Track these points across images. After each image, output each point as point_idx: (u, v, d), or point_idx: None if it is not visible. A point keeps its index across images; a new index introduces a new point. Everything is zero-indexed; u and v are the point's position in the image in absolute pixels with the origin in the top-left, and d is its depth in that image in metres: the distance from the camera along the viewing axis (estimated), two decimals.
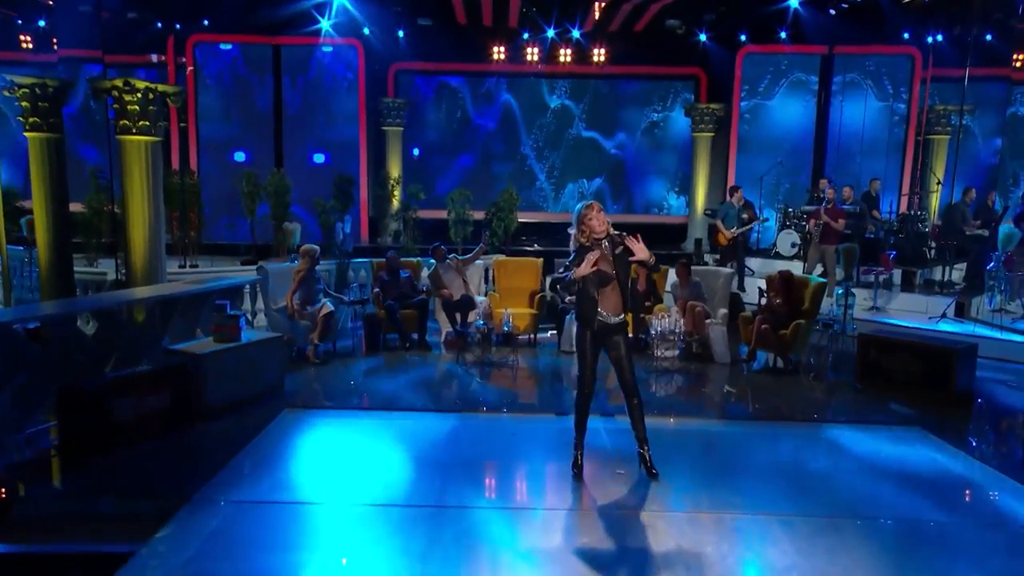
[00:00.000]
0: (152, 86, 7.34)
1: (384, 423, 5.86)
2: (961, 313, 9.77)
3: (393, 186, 13.14)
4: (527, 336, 8.75)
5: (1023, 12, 10.31)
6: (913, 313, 10.02)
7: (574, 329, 5.05)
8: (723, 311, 8.52)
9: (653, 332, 8.03)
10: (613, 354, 4.66)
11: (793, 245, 12.35)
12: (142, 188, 7.49)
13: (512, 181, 13.48)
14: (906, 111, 14.11)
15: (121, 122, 7.33)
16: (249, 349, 6.14)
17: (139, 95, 7.28)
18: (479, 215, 12.77)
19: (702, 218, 14.37)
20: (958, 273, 11.16)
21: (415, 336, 8.37)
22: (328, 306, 7.59)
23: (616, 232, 4.56)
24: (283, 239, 11.01)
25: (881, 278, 10.24)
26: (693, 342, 8.20)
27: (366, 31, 13.23)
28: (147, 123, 7.37)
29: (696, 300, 8.37)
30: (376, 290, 8.36)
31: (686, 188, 14.88)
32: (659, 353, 8.06)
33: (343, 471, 4.85)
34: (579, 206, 4.58)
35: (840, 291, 8.08)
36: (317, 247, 7.83)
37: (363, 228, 13.89)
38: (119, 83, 7.19)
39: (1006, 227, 8.85)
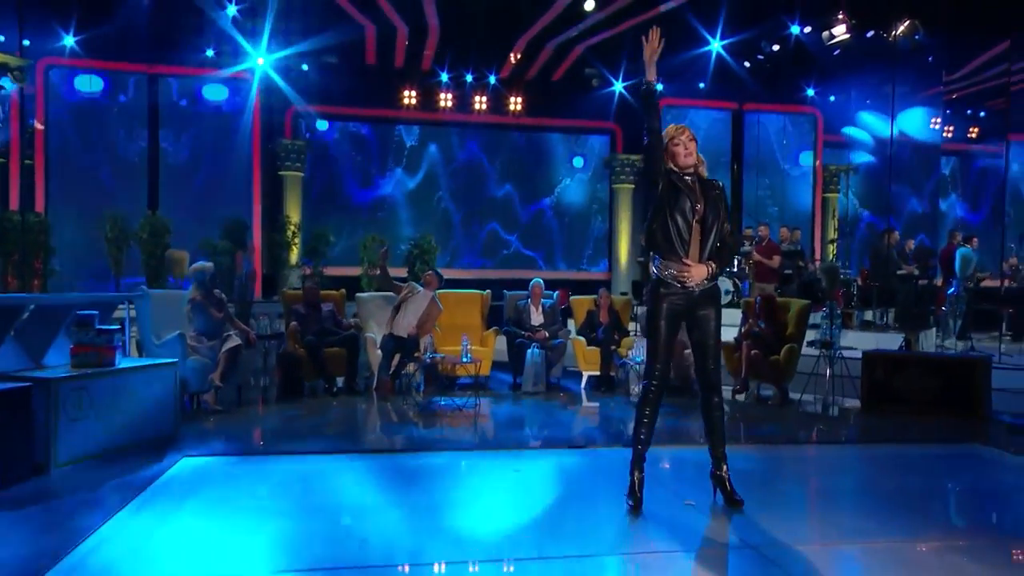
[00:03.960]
0: None
1: (326, 467, 4.17)
2: (909, 348, 9.47)
3: (293, 233, 11.45)
4: (476, 378, 7.28)
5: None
6: (854, 350, 9.64)
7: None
8: None
9: (630, 365, 6.89)
10: (696, 334, 3.44)
11: (727, 292, 11.86)
12: None
13: (430, 231, 12.20)
14: (812, 168, 14.52)
15: None
16: (128, 378, 4.31)
17: None
18: (395, 272, 11.32)
19: (627, 271, 13.76)
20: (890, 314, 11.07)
21: (341, 381, 6.69)
22: (235, 339, 5.82)
23: (712, 180, 3.49)
24: (166, 272, 8.96)
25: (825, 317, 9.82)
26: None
27: (262, 65, 11.87)
28: None
29: None
30: (293, 323, 6.65)
31: (608, 241, 14.28)
32: (635, 390, 6.90)
33: (274, 532, 3.15)
34: (668, 127, 3.49)
35: (824, 314, 7.38)
36: (211, 264, 6.10)
37: (256, 284, 11.95)
38: None
39: (964, 250, 8.71)
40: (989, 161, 16.09)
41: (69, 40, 11.26)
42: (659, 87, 3.46)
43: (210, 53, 11.71)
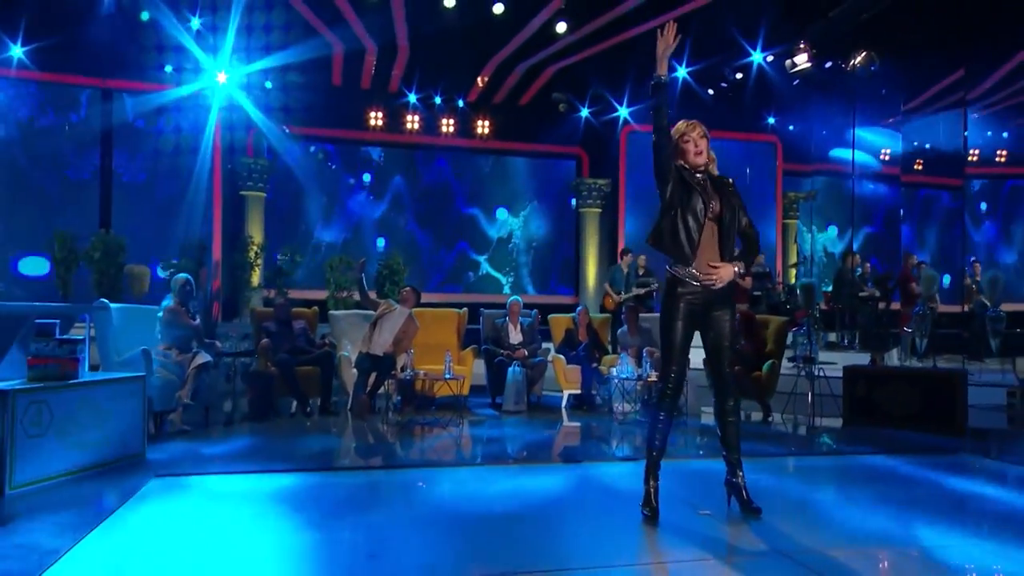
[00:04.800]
0: None
1: (315, 484, 3.88)
2: (875, 365, 9.64)
3: (256, 254, 11.04)
4: (457, 397, 7.04)
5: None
6: (833, 366, 9.77)
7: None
8: None
9: (615, 383, 6.76)
10: (711, 335, 3.34)
11: None
12: None
13: (396, 252, 11.93)
14: (773, 195, 14.86)
15: None
16: (92, 392, 3.96)
17: None
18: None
19: (594, 295, 13.71)
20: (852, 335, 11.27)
21: (313, 402, 6.36)
22: (203, 356, 5.47)
23: (723, 177, 3.42)
24: (121, 290, 8.46)
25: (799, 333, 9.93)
26: (653, 387, 7.02)
27: (224, 82, 11.56)
28: None
29: (650, 347, 7.28)
30: (265, 340, 6.32)
31: (575, 265, 14.25)
32: (619, 407, 6.77)
33: (273, 549, 2.88)
34: (679, 123, 3.41)
35: (803, 330, 7.43)
36: (189, 276, 5.78)
37: (215, 309, 11.46)
38: None
39: (929, 271, 8.95)
40: (932, 191, 16.76)
41: (17, 51, 10.76)
42: (676, 74, 3.41)
43: (169, 69, 11.35)
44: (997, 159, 15.69)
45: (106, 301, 5.49)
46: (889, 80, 10.55)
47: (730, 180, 3.45)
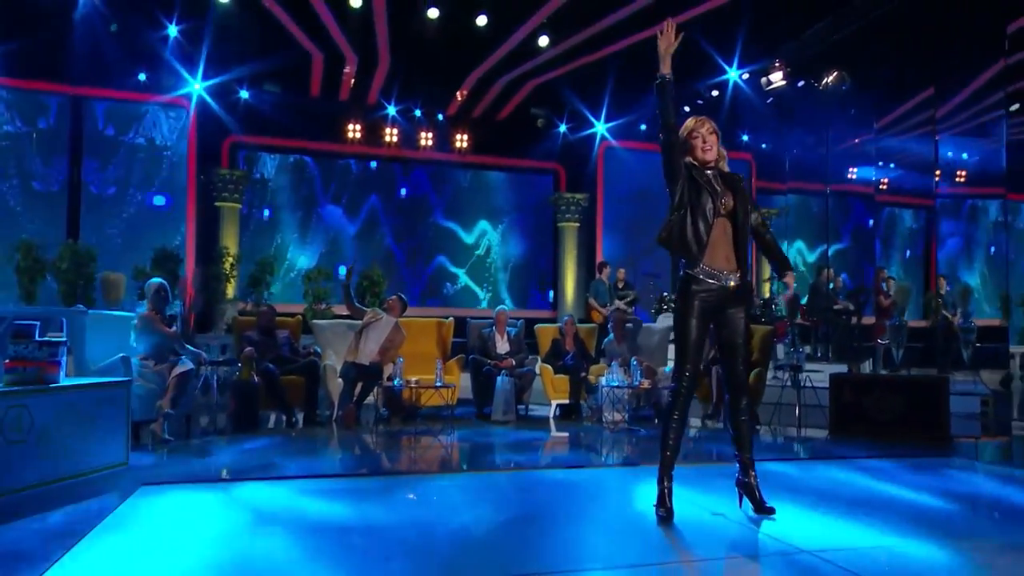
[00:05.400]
0: None
1: (311, 491, 3.72)
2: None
3: (232, 265, 10.78)
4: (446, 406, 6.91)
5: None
6: (819, 374, 9.88)
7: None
8: (664, 369, 7.49)
9: (605, 391, 6.71)
10: (725, 332, 3.30)
11: (671, 328, 11.96)
12: None
13: (377, 265, 11.75)
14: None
15: None
16: (75, 397, 3.76)
17: None
18: (339, 309, 10.80)
19: (573, 309, 13.69)
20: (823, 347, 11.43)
21: (300, 414, 6.18)
22: (185, 363, 5.27)
23: (734, 173, 3.41)
24: (91, 301, 8.16)
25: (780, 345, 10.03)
26: (641, 396, 7.02)
27: (199, 91, 11.36)
28: None
29: (638, 355, 7.27)
30: (248, 349, 6.12)
31: (553, 279, 14.23)
32: (609, 417, 6.71)
33: (277, 558, 2.74)
34: (687, 120, 3.39)
35: (787, 340, 7.50)
36: (164, 282, 5.59)
37: (189, 323, 11.12)
38: None
39: (902, 283, 9.14)
40: (895, 210, 17.19)
41: None
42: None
43: (142, 77, 11.12)
44: (957, 178, 16.18)
45: (83, 307, 5.26)
46: (861, 99, 10.81)
47: (739, 176, 3.44)
